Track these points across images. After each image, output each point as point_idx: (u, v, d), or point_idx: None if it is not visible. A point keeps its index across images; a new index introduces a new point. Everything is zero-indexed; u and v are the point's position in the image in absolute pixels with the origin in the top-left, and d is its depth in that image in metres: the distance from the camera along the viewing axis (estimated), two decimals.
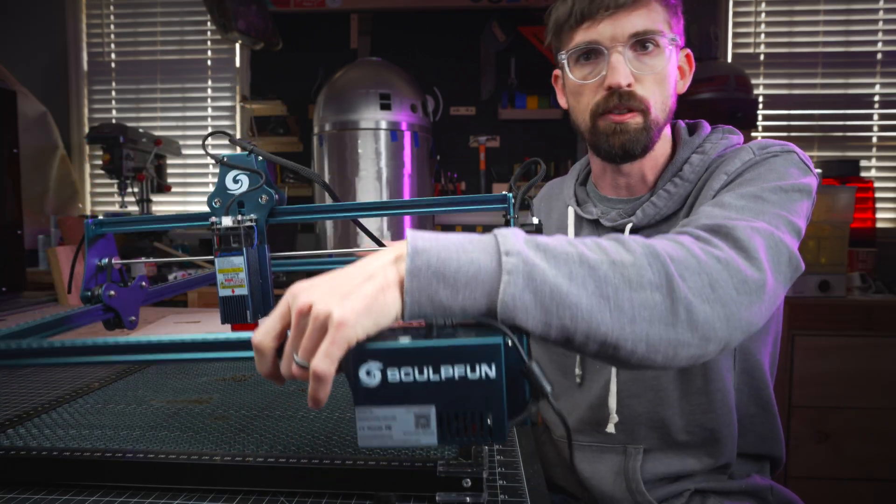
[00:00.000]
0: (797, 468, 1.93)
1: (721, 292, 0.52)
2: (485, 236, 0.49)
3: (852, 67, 2.63)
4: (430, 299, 0.46)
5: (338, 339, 0.44)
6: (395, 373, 0.44)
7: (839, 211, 1.91)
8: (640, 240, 0.53)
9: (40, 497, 0.53)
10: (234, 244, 0.69)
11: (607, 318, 0.48)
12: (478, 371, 0.44)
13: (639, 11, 0.78)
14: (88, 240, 0.77)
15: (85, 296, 0.75)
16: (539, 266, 0.47)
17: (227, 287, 0.70)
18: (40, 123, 2.59)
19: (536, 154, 2.72)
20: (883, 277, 2.15)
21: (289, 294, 0.48)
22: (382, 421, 0.45)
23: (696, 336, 0.51)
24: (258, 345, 0.48)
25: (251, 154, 0.71)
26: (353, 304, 0.44)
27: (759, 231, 0.60)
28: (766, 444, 0.86)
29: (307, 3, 2.77)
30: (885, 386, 1.88)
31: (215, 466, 0.55)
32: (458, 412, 0.45)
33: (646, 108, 0.80)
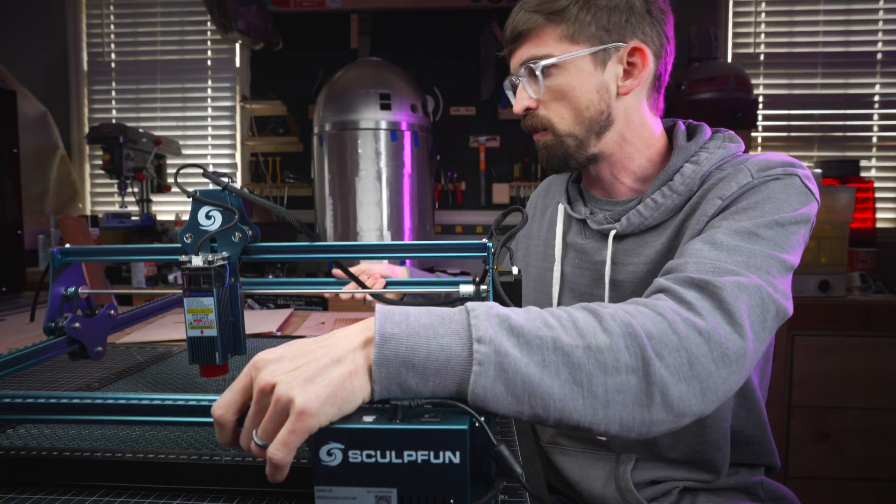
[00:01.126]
0: (797, 468, 1.93)
1: (699, 368, 0.52)
2: (456, 313, 0.49)
3: (852, 67, 2.64)
4: (400, 386, 0.46)
5: (298, 428, 0.43)
6: (356, 454, 0.43)
7: (839, 211, 1.91)
8: (618, 316, 0.52)
9: (40, 497, 0.53)
10: (203, 284, 0.66)
11: (580, 406, 0.48)
12: (442, 457, 0.43)
13: (528, 42, 0.82)
14: (54, 269, 0.74)
15: (48, 327, 0.73)
16: (511, 355, 0.46)
17: (196, 328, 0.67)
18: (40, 123, 2.59)
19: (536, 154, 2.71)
20: (883, 277, 2.15)
21: (252, 366, 0.46)
22: (343, 501, 0.44)
23: (670, 415, 0.51)
24: (218, 419, 0.47)
25: (224, 190, 0.69)
26: (318, 391, 0.43)
27: (747, 290, 0.58)
28: (761, 458, 0.85)
29: (307, 3, 2.77)
30: (885, 386, 1.88)
31: (215, 466, 0.55)
32: (420, 496, 0.43)
33: (550, 125, 0.85)
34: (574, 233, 0.91)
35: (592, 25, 0.79)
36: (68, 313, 0.75)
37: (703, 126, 0.86)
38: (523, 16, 0.82)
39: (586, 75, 0.80)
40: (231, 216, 0.69)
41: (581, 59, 0.80)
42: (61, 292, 0.75)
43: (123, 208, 2.47)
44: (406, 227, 2.28)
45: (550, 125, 0.85)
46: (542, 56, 0.81)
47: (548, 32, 0.80)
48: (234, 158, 2.93)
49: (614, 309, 0.53)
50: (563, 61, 0.80)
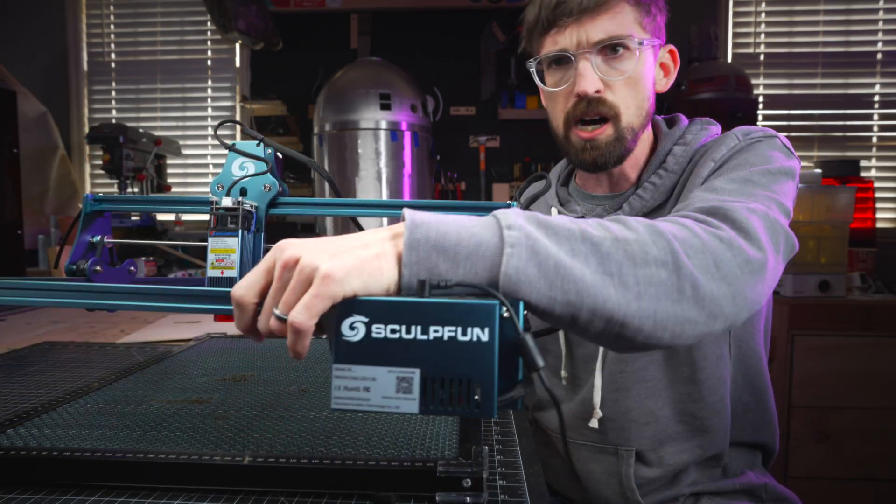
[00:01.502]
0: (797, 468, 1.93)
1: (726, 270, 0.52)
2: (483, 217, 0.48)
3: (852, 67, 2.64)
4: (429, 272, 0.44)
5: (322, 292, 0.41)
6: (380, 329, 0.41)
7: (839, 211, 1.91)
8: (642, 220, 0.53)
9: (40, 497, 0.53)
10: (230, 224, 0.67)
11: (612, 294, 0.46)
12: (469, 333, 0.41)
13: (604, 16, 0.76)
14: (85, 216, 0.75)
15: (70, 269, 0.73)
16: (542, 241, 0.46)
17: (217, 268, 0.67)
18: (40, 123, 2.59)
19: (536, 154, 2.72)
20: (883, 277, 2.15)
21: (275, 248, 0.46)
22: (361, 381, 0.41)
23: (703, 313, 0.50)
24: (239, 299, 0.46)
25: (260, 144, 0.70)
26: (343, 261, 0.43)
27: (755, 212, 0.60)
28: (759, 433, 0.86)
29: (307, 3, 2.77)
30: (885, 386, 1.88)
31: (215, 466, 0.55)
32: (444, 378, 0.41)
33: (616, 115, 0.80)
34: None
35: (657, 18, 0.82)
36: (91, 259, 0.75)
37: (678, 115, 0.89)
38: None
39: (650, 66, 0.83)
40: (262, 166, 0.70)
41: (652, 47, 0.82)
42: (88, 239, 0.75)
43: None
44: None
45: (616, 114, 0.80)
46: (625, 35, 0.77)
47: (627, 12, 0.78)
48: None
49: (638, 218, 0.54)
50: (644, 47, 0.78)
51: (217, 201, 0.68)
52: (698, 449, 0.82)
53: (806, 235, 1.90)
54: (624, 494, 0.84)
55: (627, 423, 0.83)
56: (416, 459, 0.55)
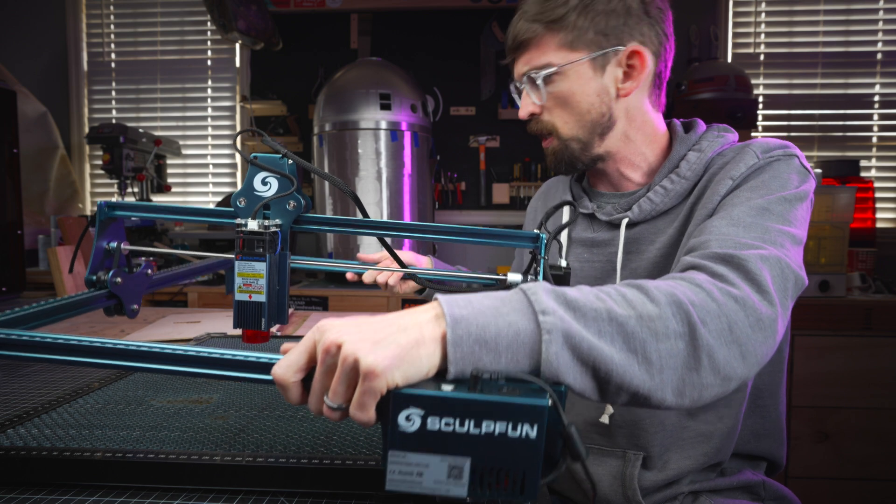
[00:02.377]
0: (797, 468, 1.93)
1: (738, 333, 0.55)
2: (513, 294, 0.50)
3: (852, 67, 2.64)
4: (475, 364, 0.46)
5: (369, 389, 0.44)
6: (435, 421, 0.43)
7: (839, 211, 1.91)
8: (662, 287, 0.55)
9: (40, 497, 0.53)
10: (257, 249, 0.67)
11: (637, 371, 0.50)
12: (519, 430, 0.43)
13: (528, 51, 0.84)
14: (100, 223, 0.75)
15: (90, 280, 0.73)
16: (574, 325, 0.48)
17: (245, 292, 0.68)
18: (40, 123, 2.59)
19: (536, 154, 2.72)
20: (883, 277, 2.15)
21: (315, 330, 0.47)
22: (415, 467, 0.44)
23: (718, 378, 0.53)
24: (280, 379, 0.47)
25: (283, 157, 0.69)
26: (385, 352, 0.44)
27: (767, 261, 0.62)
28: (762, 442, 0.86)
29: (307, 3, 2.77)
30: (884, 386, 1.88)
31: (215, 466, 0.55)
32: (492, 468, 0.44)
33: (553, 130, 0.87)
34: (580, 228, 0.93)
35: (590, 31, 0.81)
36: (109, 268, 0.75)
37: (696, 120, 0.89)
38: (523, 25, 0.83)
39: (586, 80, 0.83)
40: (288, 184, 0.69)
41: (580, 65, 0.82)
42: (104, 246, 0.75)
43: None
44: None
45: (555, 130, 0.87)
46: (542, 65, 0.83)
47: (547, 41, 0.83)
48: (235, 158, 2.93)
49: (657, 282, 0.56)
50: (563, 69, 0.83)
51: (243, 224, 0.68)
52: (702, 456, 0.82)
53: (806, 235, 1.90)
54: (626, 495, 0.84)
55: (637, 430, 0.84)
56: None
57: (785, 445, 0.87)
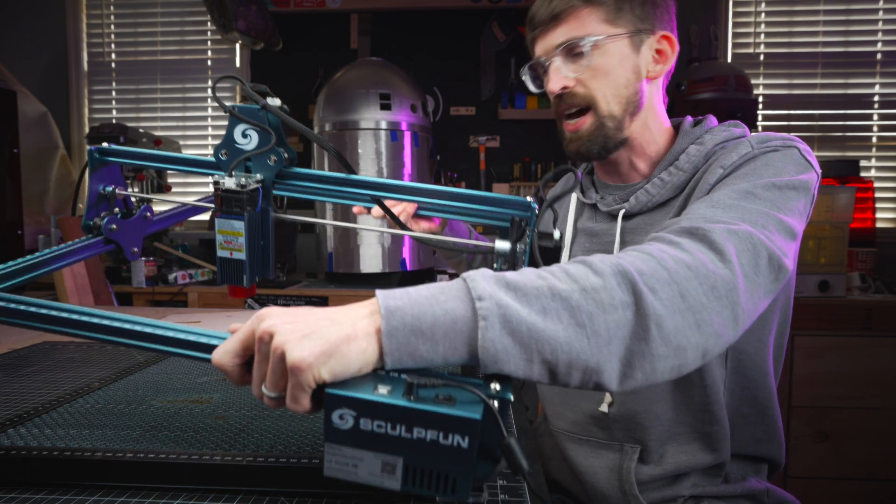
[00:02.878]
0: (797, 468, 1.93)
1: (691, 300, 0.53)
2: (455, 283, 0.49)
3: (852, 67, 2.64)
4: (411, 356, 0.46)
5: (295, 383, 0.45)
6: (367, 423, 0.44)
7: (839, 211, 1.91)
8: (607, 259, 0.54)
9: (40, 497, 0.53)
10: (235, 208, 0.66)
11: (586, 346, 0.48)
12: (450, 439, 0.43)
13: (563, 24, 0.85)
14: (91, 168, 0.74)
15: (86, 225, 0.73)
16: (512, 307, 0.47)
17: (226, 249, 0.68)
18: (40, 123, 2.59)
19: (536, 154, 2.72)
20: (883, 277, 2.15)
21: (255, 317, 0.48)
22: (350, 459, 0.45)
23: (670, 348, 0.51)
24: (219, 363, 0.49)
25: (262, 109, 0.66)
26: (311, 346, 0.44)
27: (736, 234, 0.59)
28: (762, 446, 0.85)
29: (307, 3, 2.77)
30: (884, 386, 1.88)
31: (215, 466, 0.55)
32: (424, 469, 0.44)
33: (592, 104, 0.86)
34: (585, 218, 0.95)
35: (627, 11, 0.84)
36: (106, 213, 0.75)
37: (708, 117, 0.90)
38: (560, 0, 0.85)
39: (626, 55, 0.85)
40: (268, 138, 0.67)
41: (622, 39, 0.84)
42: (98, 190, 0.75)
43: None
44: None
45: (593, 102, 0.86)
46: (582, 36, 0.84)
47: (587, 14, 0.84)
48: None
49: (603, 256, 0.55)
50: (604, 41, 0.84)
51: (220, 182, 0.66)
52: (700, 453, 0.82)
53: (806, 235, 1.90)
54: (622, 489, 0.84)
55: (633, 423, 0.84)
56: None
57: (784, 446, 0.87)
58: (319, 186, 0.71)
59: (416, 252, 2.30)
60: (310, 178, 0.70)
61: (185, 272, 2.28)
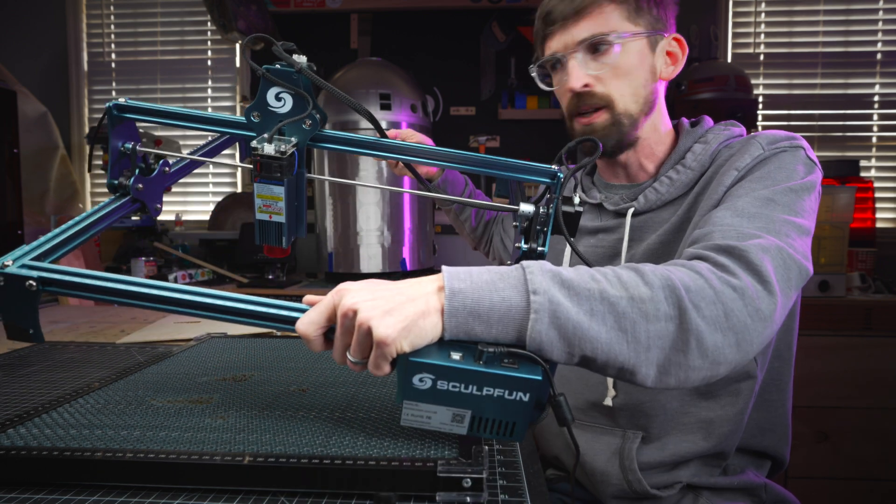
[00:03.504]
0: (797, 468, 1.93)
1: (734, 321, 0.56)
2: (513, 270, 0.54)
3: (852, 67, 2.64)
4: (467, 334, 0.52)
5: (381, 354, 0.51)
6: (444, 384, 0.51)
7: (839, 211, 1.91)
8: (659, 271, 0.57)
9: (40, 497, 0.53)
10: (275, 174, 0.66)
11: (624, 349, 0.53)
12: (514, 395, 0.51)
13: (586, 19, 0.84)
14: (111, 124, 0.74)
15: (112, 184, 0.75)
16: (563, 305, 0.52)
17: (265, 212, 0.69)
18: (40, 123, 2.59)
19: (536, 154, 2.72)
20: (882, 277, 2.15)
21: (335, 293, 0.54)
22: (425, 412, 0.53)
23: (706, 361, 0.55)
24: (303, 333, 0.55)
25: (299, 73, 0.66)
26: (394, 322, 0.50)
27: (768, 251, 0.63)
28: (767, 439, 0.86)
29: (307, 3, 2.77)
30: (884, 386, 1.88)
31: (215, 466, 0.55)
32: (490, 419, 0.53)
33: (609, 103, 0.86)
34: (587, 218, 0.96)
35: (648, 12, 0.85)
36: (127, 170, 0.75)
37: (704, 117, 0.92)
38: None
39: (645, 55, 0.86)
40: (303, 103, 0.67)
41: (643, 38, 0.85)
42: (119, 147, 0.76)
43: None
44: (406, 227, 2.28)
45: (610, 102, 0.86)
46: (606, 32, 0.83)
47: (611, 11, 0.84)
48: (235, 159, 2.93)
49: (656, 266, 0.58)
50: (629, 39, 0.84)
51: (259, 148, 0.66)
52: (703, 441, 0.82)
53: None
54: (623, 467, 0.85)
55: (638, 412, 0.85)
56: (417, 459, 0.55)
57: (790, 443, 0.87)
58: (350, 150, 0.73)
59: (416, 252, 2.30)
60: (343, 142, 0.72)
61: (185, 272, 2.28)
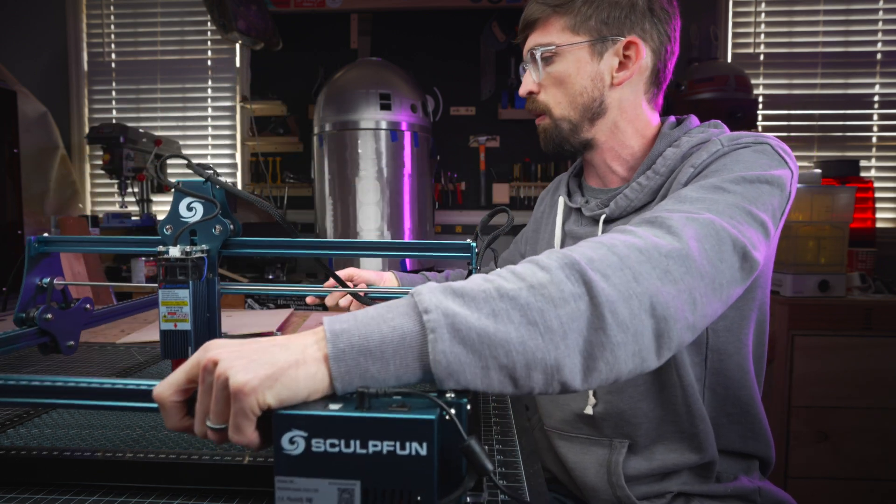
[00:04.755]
0: (797, 468, 1.93)
1: (645, 284, 0.51)
2: (402, 300, 0.48)
3: (852, 67, 2.64)
4: (361, 377, 0.44)
5: (240, 409, 0.41)
6: (319, 443, 0.41)
7: (839, 211, 1.91)
8: (555, 253, 0.53)
9: (40, 497, 0.53)
10: (179, 276, 0.65)
11: (540, 343, 0.46)
12: (408, 448, 0.41)
13: (536, 31, 0.89)
14: (29, 258, 0.72)
15: (19, 318, 0.71)
16: (460, 314, 0.45)
17: (170, 321, 0.66)
18: (40, 123, 2.59)
19: (536, 154, 2.72)
20: (882, 277, 2.15)
21: (201, 349, 0.45)
22: (304, 493, 0.42)
23: (627, 334, 0.49)
24: (158, 398, 0.45)
25: (207, 182, 0.68)
26: (257, 371, 0.42)
27: (696, 220, 0.58)
28: (749, 444, 0.85)
29: (307, 3, 2.77)
30: (884, 386, 1.88)
31: (215, 466, 0.55)
32: (384, 490, 0.41)
33: (546, 110, 0.90)
34: (572, 222, 0.96)
35: (593, 19, 0.85)
36: (42, 304, 0.72)
37: (690, 117, 0.89)
38: (534, 6, 0.88)
39: (583, 64, 0.86)
40: (212, 208, 0.68)
41: (579, 48, 0.86)
42: (35, 283, 0.73)
43: (123, 208, 2.47)
44: (406, 227, 2.28)
45: (548, 109, 0.90)
46: (545, 44, 0.87)
47: (553, 23, 0.87)
48: (235, 158, 2.93)
49: (551, 251, 0.54)
50: (562, 49, 0.86)
51: (164, 251, 0.66)
52: (689, 452, 0.82)
53: (806, 235, 1.90)
54: (611, 482, 0.84)
55: (622, 421, 0.84)
56: None
57: (772, 444, 0.87)
58: (264, 252, 0.73)
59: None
60: (255, 245, 0.71)
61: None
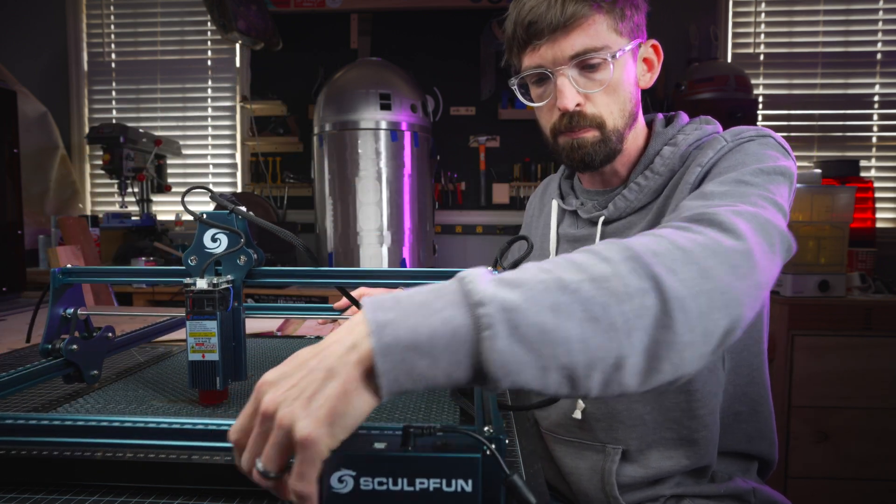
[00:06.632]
0: (797, 468, 1.93)
1: (715, 280, 0.48)
2: (449, 284, 0.44)
3: (852, 67, 2.64)
4: (409, 374, 0.40)
5: (307, 459, 0.39)
6: (368, 481, 0.42)
7: (839, 211, 1.91)
8: (615, 244, 0.49)
9: (40, 497, 0.53)
10: (207, 307, 0.66)
11: (602, 340, 0.43)
12: (454, 485, 0.41)
13: (577, 31, 0.76)
14: (54, 290, 0.73)
15: (45, 349, 0.72)
16: (520, 308, 0.42)
17: (198, 351, 0.67)
18: (40, 123, 2.59)
19: (536, 154, 2.72)
20: (882, 277, 2.15)
21: (257, 389, 0.43)
22: None
23: (696, 334, 0.46)
24: (236, 444, 0.44)
25: (231, 213, 0.69)
26: (318, 413, 0.40)
27: (741, 214, 0.56)
28: (754, 444, 0.85)
29: (307, 3, 2.77)
30: (884, 386, 1.89)
31: (215, 466, 0.55)
32: None
33: (601, 123, 0.81)
34: (566, 224, 0.94)
35: (630, 20, 0.79)
36: (65, 335, 0.73)
37: (679, 114, 0.88)
38: (573, 4, 0.75)
39: (630, 68, 0.82)
40: (237, 239, 0.69)
41: (628, 51, 0.80)
42: (60, 314, 0.74)
43: (123, 208, 2.47)
44: (406, 227, 2.28)
45: (600, 122, 0.80)
46: (599, 47, 0.76)
47: (599, 23, 0.77)
48: (235, 158, 2.93)
49: (609, 241, 0.50)
50: (621, 54, 0.78)
51: (192, 283, 0.67)
52: (685, 459, 0.81)
53: (806, 235, 1.90)
54: (604, 489, 0.83)
55: (616, 423, 0.83)
56: None
57: (777, 445, 0.86)
58: (288, 281, 0.74)
59: (416, 252, 2.30)
60: (279, 275, 0.72)
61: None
